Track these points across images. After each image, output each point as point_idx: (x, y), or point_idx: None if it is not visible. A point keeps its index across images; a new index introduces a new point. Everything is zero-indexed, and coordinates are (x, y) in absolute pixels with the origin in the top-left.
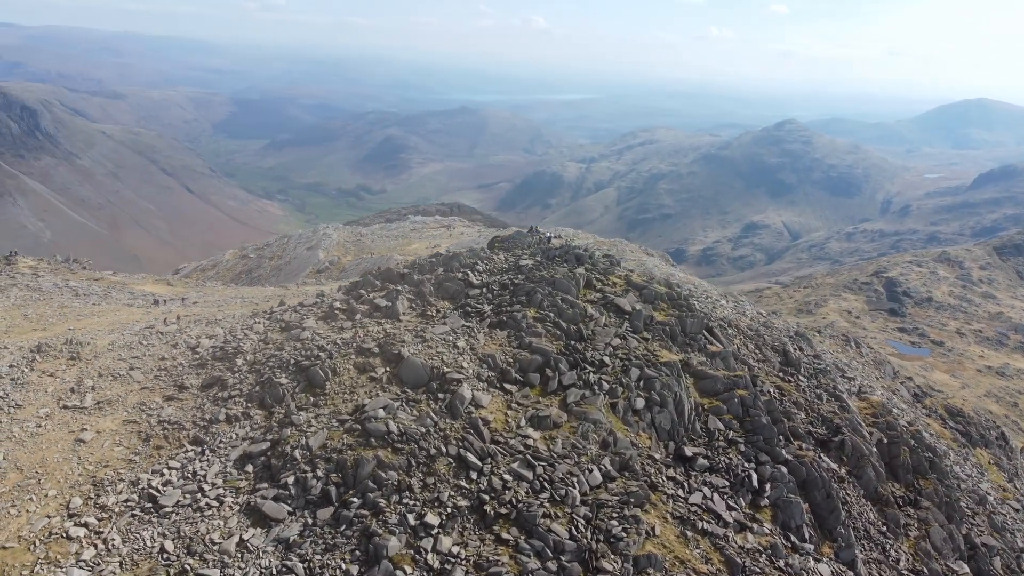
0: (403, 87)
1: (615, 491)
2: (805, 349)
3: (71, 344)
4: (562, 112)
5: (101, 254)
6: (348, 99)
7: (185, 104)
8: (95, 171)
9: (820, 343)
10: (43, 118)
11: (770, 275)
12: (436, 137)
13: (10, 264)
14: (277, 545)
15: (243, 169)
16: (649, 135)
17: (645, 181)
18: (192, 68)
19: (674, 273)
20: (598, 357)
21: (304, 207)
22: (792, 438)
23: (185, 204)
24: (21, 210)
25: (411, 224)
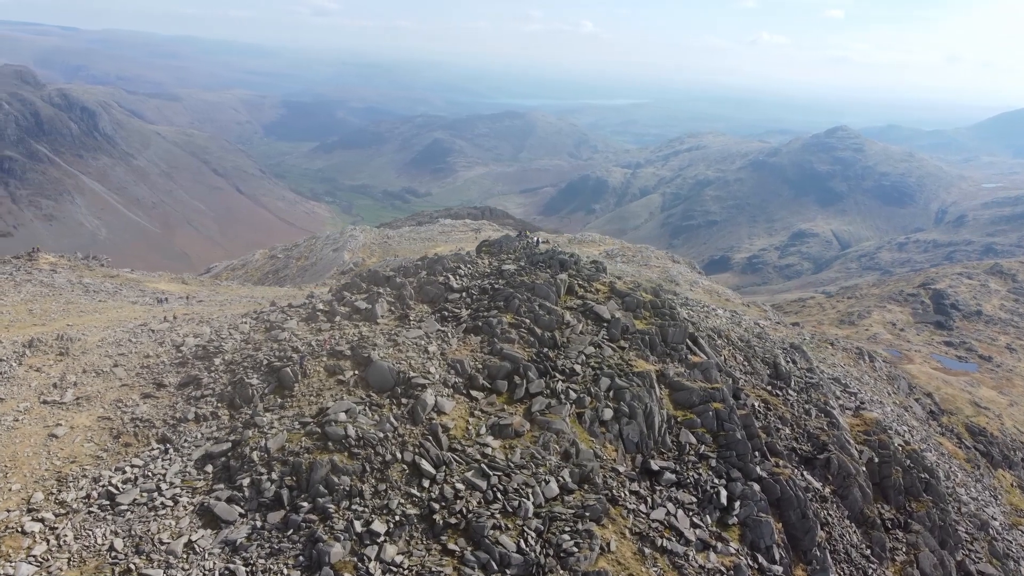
0: (451, 91)
1: (571, 504)
2: (799, 362)
3: (61, 340)
4: (609, 117)
5: (153, 252)
6: (396, 102)
7: (238, 106)
8: (150, 171)
9: (832, 355)
10: (102, 119)
11: (817, 285)
12: (482, 141)
13: (32, 260)
14: (224, 547)
15: (292, 171)
16: (696, 140)
17: (691, 187)
18: (245, 71)
19: (698, 282)
20: (569, 365)
21: (351, 209)
22: (769, 454)
23: (235, 204)
24: (79, 208)
25: (440, 227)
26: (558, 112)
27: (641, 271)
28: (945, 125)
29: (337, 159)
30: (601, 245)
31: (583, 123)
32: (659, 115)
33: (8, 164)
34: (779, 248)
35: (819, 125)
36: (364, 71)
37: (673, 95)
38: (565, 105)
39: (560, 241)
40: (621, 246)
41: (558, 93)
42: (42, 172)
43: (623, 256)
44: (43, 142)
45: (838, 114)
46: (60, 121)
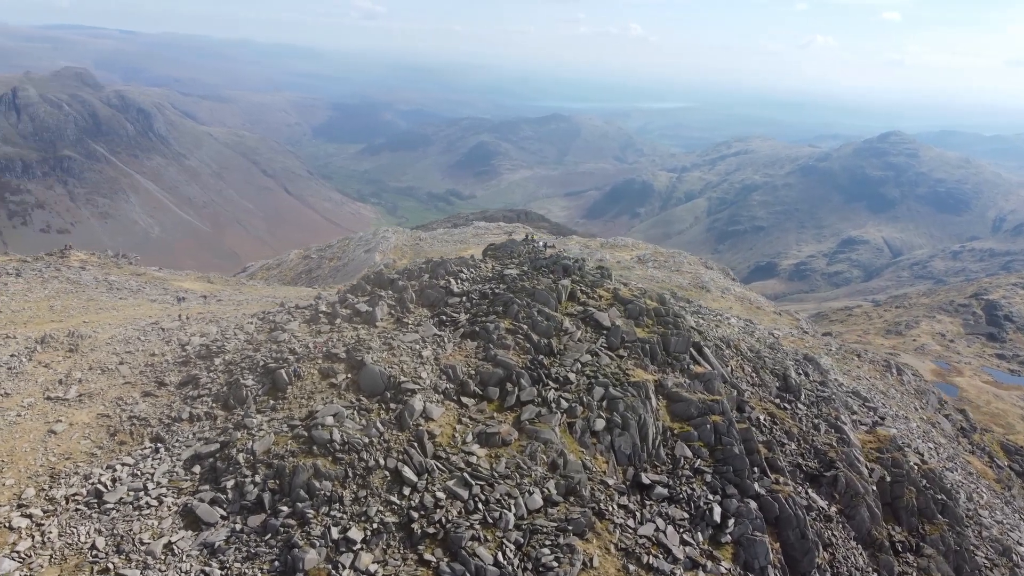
0: (498, 94)
1: (554, 517)
2: (811, 375)
3: (72, 337)
4: (656, 120)
5: (203, 251)
6: (443, 105)
7: (288, 108)
8: (201, 171)
9: (857, 368)
10: (156, 120)
11: (866, 293)
12: (527, 144)
13: (63, 257)
14: (203, 549)
15: (339, 172)
16: (744, 145)
17: (737, 192)
18: (296, 74)
19: (730, 288)
20: (563, 373)
21: (396, 210)
22: (769, 470)
23: (283, 204)
24: (133, 207)
25: (473, 230)
26: (604, 115)
27: (672, 276)
28: (1006, 130)
29: (383, 161)
30: (634, 250)
31: (629, 127)
32: (707, 119)
33: (67, 163)
34: (827, 255)
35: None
36: (411, 74)
37: (722, 99)
38: (612, 108)
39: (593, 246)
40: (654, 251)
41: (605, 96)
42: (99, 171)
43: (655, 261)
44: (100, 142)
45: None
46: (117, 122)
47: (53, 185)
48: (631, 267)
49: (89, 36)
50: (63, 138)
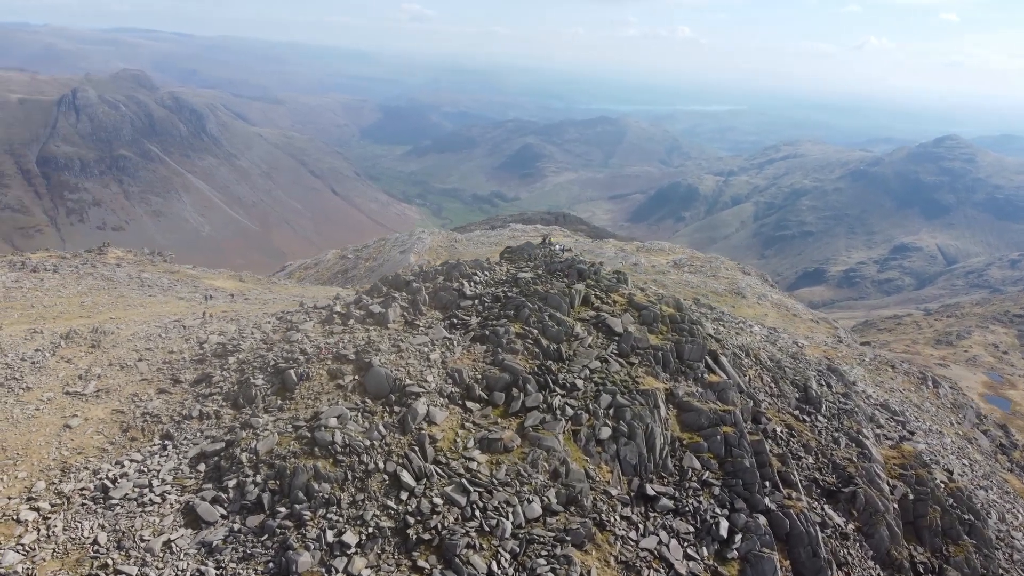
0: (544, 96)
1: (553, 527)
2: (834, 386)
3: (96, 333)
4: (703, 123)
5: (251, 249)
6: (489, 107)
7: (337, 110)
8: (251, 171)
9: (891, 379)
10: (209, 121)
11: (918, 301)
12: (572, 146)
13: (101, 254)
14: (200, 548)
15: (386, 173)
16: (793, 149)
17: (786, 196)
18: (346, 76)
19: (767, 295)
20: (571, 379)
21: (440, 211)
22: (782, 484)
23: (330, 205)
24: (185, 206)
25: (510, 232)
26: (651, 118)
27: (707, 282)
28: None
29: (429, 162)
30: (671, 254)
31: (677, 129)
32: (756, 122)
33: (123, 162)
34: (878, 262)
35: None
36: (458, 76)
37: (772, 102)
38: (659, 111)
39: (629, 249)
40: (691, 256)
41: (652, 99)
42: (153, 171)
43: (691, 266)
44: (155, 142)
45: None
46: (171, 122)
47: (109, 184)
48: (666, 271)
49: (147, 39)
50: (119, 138)
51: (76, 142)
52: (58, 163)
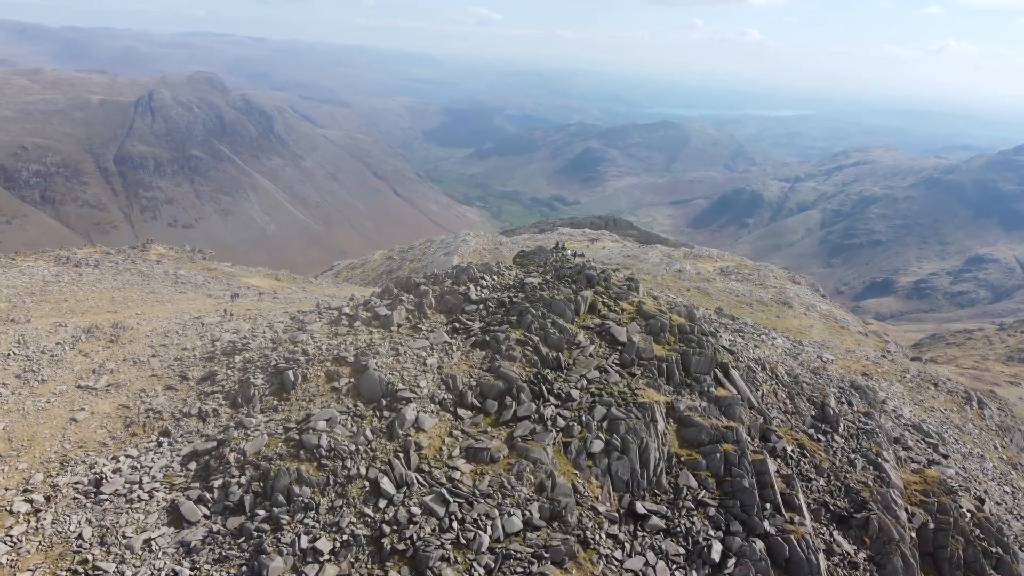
0: (608, 100)
1: (533, 542)
2: (855, 404)
3: (116, 328)
4: (770, 128)
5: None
6: (552, 111)
7: (402, 112)
8: (316, 172)
9: (932, 398)
10: (276, 123)
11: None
12: (635, 151)
13: (143, 251)
14: (179, 548)
15: (448, 176)
16: (864, 155)
17: (854, 204)
18: (411, 79)
19: (815, 305)
20: (567, 389)
21: (500, 214)
22: (784, 507)
23: (392, 206)
24: (252, 205)
25: (557, 235)
26: (716, 123)
27: (754, 291)
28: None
29: (491, 165)
30: (718, 261)
31: (742, 134)
32: (826, 127)
33: (194, 162)
34: (951, 273)
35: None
36: (523, 79)
37: (843, 106)
38: (724, 116)
39: (675, 255)
40: (738, 263)
41: (718, 103)
42: (222, 170)
43: (738, 274)
44: (225, 143)
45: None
46: (240, 124)
47: (181, 183)
48: (711, 279)
49: (221, 42)
50: (191, 138)
51: (151, 142)
52: (134, 162)
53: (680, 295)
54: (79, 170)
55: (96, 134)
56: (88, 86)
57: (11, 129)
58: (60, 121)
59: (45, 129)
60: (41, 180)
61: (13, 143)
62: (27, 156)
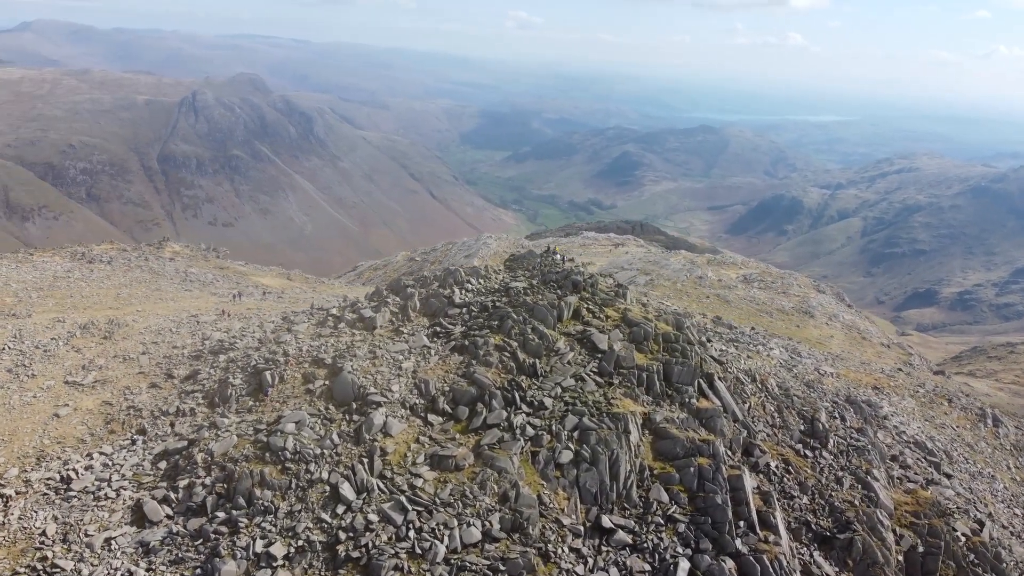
0: (647, 104)
1: (491, 554)
2: (848, 419)
3: (111, 324)
4: (812, 134)
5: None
6: (591, 115)
7: (440, 115)
8: (354, 173)
9: (945, 415)
10: (316, 124)
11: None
12: (673, 155)
13: (159, 248)
14: (138, 548)
15: (484, 178)
16: (908, 162)
17: (897, 212)
18: (450, 82)
19: (839, 315)
20: (540, 397)
21: (536, 218)
22: (760, 526)
23: (427, 208)
24: (291, 205)
25: (580, 240)
26: (757, 128)
27: (775, 299)
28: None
29: (527, 168)
30: (742, 268)
31: (783, 140)
32: (869, 133)
33: (235, 162)
34: (997, 284)
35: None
36: (562, 83)
37: (886, 112)
38: (765, 121)
39: (698, 262)
40: (762, 271)
41: (759, 108)
42: (262, 170)
43: (761, 282)
44: (265, 143)
45: None
46: (281, 125)
47: (222, 182)
48: (732, 286)
49: (265, 44)
50: (233, 138)
51: (194, 141)
52: (176, 161)
53: (699, 302)
54: (124, 168)
55: (141, 133)
56: (135, 86)
57: (60, 128)
58: (107, 121)
59: (92, 128)
60: (88, 178)
61: (62, 141)
62: (75, 154)
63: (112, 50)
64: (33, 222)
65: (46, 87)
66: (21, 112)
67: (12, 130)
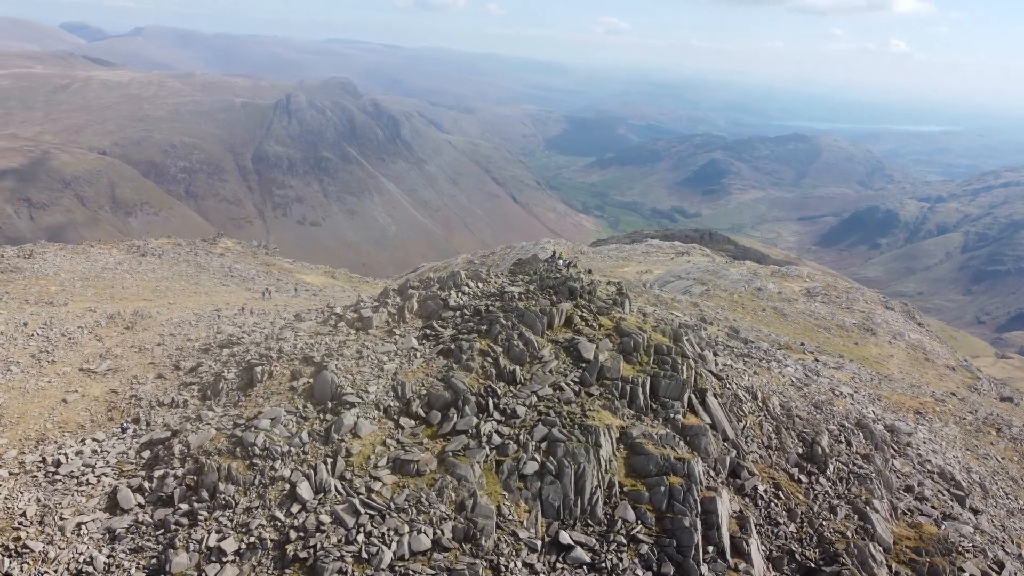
0: (737, 111)
1: (438, 563)
2: (854, 444)
3: (135, 315)
4: (911, 144)
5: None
6: (677, 121)
7: (525, 120)
8: (438, 176)
9: (991, 445)
10: (403, 127)
11: None
12: (762, 164)
13: (212, 244)
14: (105, 534)
15: (567, 184)
16: (1016, 175)
17: (1002, 228)
18: (537, 87)
19: (904, 333)
20: (513, 405)
21: (617, 224)
22: (731, 552)
23: (509, 212)
24: (376, 206)
25: (644, 247)
26: (852, 137)
27: (836, 314)
28: None
29: (611, 175)
30: (807, 281)
31: (879, 150)
32: (973, 145)
33: (324, 163)
34: None
35: None
36: (649, 89)
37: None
38: (861, 130)
39: (762, 273)
40: (827, 285)
41: (855, 117)
42: (350, 172)
43: (825, 296)
44: (354, 145)
45: None
46: (369, 128)
47: (311, 182)
48: (792, 299)
49: (358, 49)
50: (323, 140)
51: (286, 143)
52: (269, 161)
53: (754, 314)
54: (220, 167)
55: (237, 134)
56: (233, 89)
57: (163, 128)
58: (206, 122)
59: (192, 128)
60: (186, 176)
61: (164, 141)
62: (175, 153)
63: (215, 54)
64: (136, 217)
65: (152, 89)
66: (129, 112)
67: (120, 129)
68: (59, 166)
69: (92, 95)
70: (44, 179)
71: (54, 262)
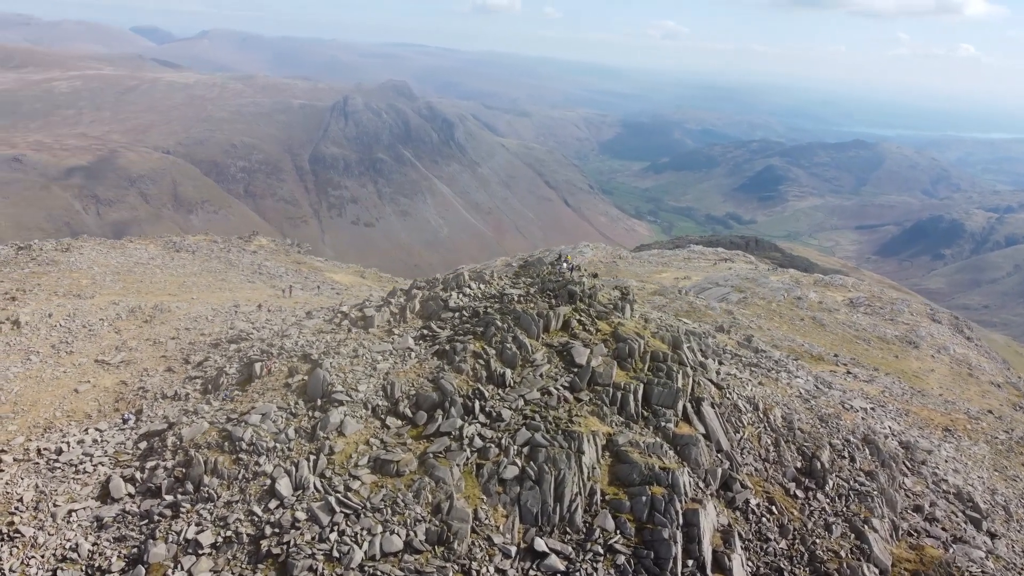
0: (795, 116)
1: (407, 565)
2: (858, 460)
3: (155, 309)
4: (979, 152)
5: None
6: (735, 126)
7: (579, 123)
8: (491, 179)
9: (1022, 467)
10: (457, 130)
11: None
12: (820, 170)
13: (247, 241)
14: (93, 523)
15: (620, 188)
16: None
17: None
18: (592, 91)
19: (949, 348)
20: (499, 408)
21: (671, 230)
22: (712, 567)
23: (561, 215)
24: (429, 208)
25: (685, 253)
26: (916, 144)
27: (878, 326)
28: None
29: (665, 180)
30: (851, 292)
31: (945, 158)
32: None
33: (379, 165)
34: None
35: None
36: (706, 93)
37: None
38: (926, 137)
39: (804, 282)
40: (872, 295)
41: (919, 123)
42: (404, 174)
43: (868, 306)
44: (408, 147)
45: None
46: (424, 130)
47: (366, 183)
48: (833, 310)
49: (414, 52)
50: (378, 142)
51: (342, 144)
52: (326, 162)
53: (791, 324)
54: (278, 168)
55: (295, 135)
56: (292, 91)
57: (224, 128)
58: (265, 123)
59: (252, 129)
60: (246, 175)
61: (225, 141)
62: (235, 153)
63: (277, 56)
64: (196, 215)
65: (215, 90)
66: (193, 113)
67: (184, 129)
68: (125, 164)
69: (159, 96)
70: (111, 177)
71: (89, 256)
